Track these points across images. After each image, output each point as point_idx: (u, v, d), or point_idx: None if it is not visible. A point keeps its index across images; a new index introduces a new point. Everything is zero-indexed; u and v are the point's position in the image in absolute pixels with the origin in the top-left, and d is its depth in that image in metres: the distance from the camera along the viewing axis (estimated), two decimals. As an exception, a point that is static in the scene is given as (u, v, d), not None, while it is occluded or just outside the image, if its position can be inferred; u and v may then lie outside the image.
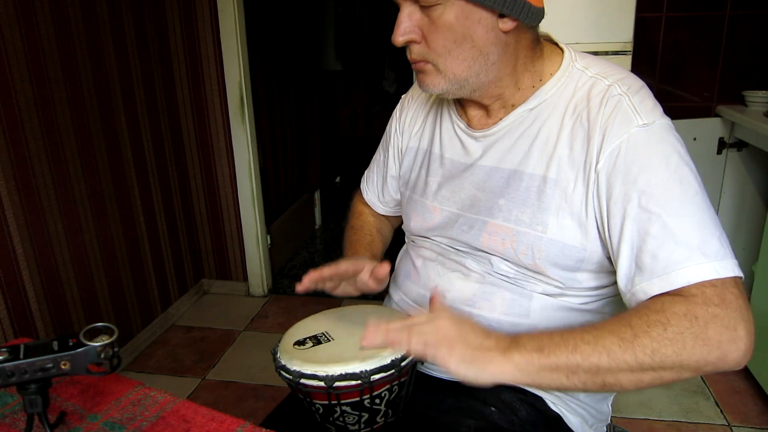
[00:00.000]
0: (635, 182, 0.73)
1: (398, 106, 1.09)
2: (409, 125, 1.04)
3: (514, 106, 0.86)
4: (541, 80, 0.85)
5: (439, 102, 0.99)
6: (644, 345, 0.66)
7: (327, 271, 0.86)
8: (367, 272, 0.90)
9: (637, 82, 0.81)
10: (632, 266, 0.73)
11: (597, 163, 0.77)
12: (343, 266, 0.88)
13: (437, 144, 0.96)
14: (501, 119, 0.87)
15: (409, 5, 0.78)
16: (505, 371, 0.68)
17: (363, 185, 1.18)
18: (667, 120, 0.77)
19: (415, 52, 0.81)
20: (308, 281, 0.85)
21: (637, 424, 1.84)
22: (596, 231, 0.79)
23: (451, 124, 0.94)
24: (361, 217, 1.16)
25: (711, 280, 0.68)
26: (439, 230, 0.94)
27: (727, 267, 0.69)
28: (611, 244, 0.76)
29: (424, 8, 0.77)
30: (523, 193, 0.83)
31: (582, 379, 0.68)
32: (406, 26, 0.79)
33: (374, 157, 1.15)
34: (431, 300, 0.78)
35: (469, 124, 0.91)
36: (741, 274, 0.70)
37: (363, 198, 1.18)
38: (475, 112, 0.91)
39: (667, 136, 0.75)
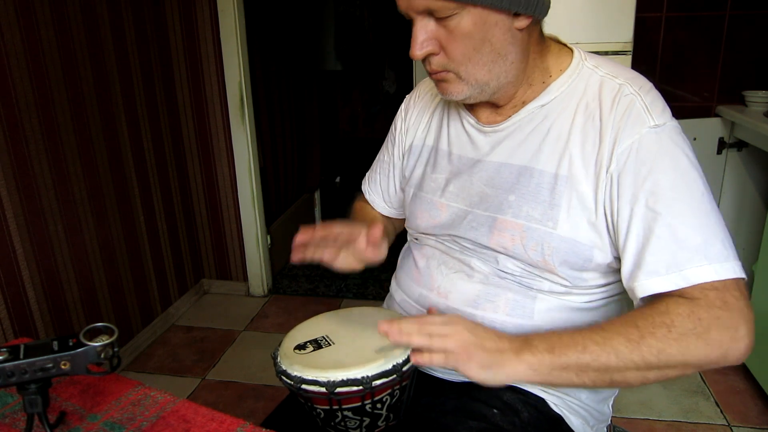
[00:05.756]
0: (644, 183, 0.75)
1: (403, 107, 1.08)
2: (414, 124, 1.03)
3: (524, 103, 0.86)
4: (550, 76, 0.85)
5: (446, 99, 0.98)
6: (650, 345, 0.70)
7: (320, 231, 0.84)
8: (363, 238, 0.88)
9: (646, 83, 0.82)
10: (635, 262, 0.76)
11: (609, 162, 0.78)
12: (336, 228, 0.86)
13: (444, 140, 0.96)
14: (510, 116, 0.87)
15: (422, 18, 0.77)
16: (519, 371, 0.72)
17: (365, 187, 1.17)
18: (676, 122, 0.79)
19: (435, 63, 0.80)
20: (300, 243, 0.84)
21: (637, 424, 1.84)
22: (606, 229, 0.80)
23: (459, 120, 0.94)
24: (364, 210, 1.16)
25: (713, 282, 0.71)
26: (446, 228, 0.93)
27: (728, 269, 0.72)
28: (617, 241, 0.79)
29: (439, 19, 0.76)
30: (534, 189, 0.83)
31: (591, 378, 0.73)
32: (423, 39, 0.78)
33: (377, 157, 1.15)
34: (429, 311, 0.81)
35: (478, 120, 0.91)
36: (743, 276, 0.73)
37: (366, 199, 1.18)
38: (484, 109, 0.91)
39: (676, 139, 0.77)
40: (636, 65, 2.04)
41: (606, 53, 1.88)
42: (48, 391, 0.69)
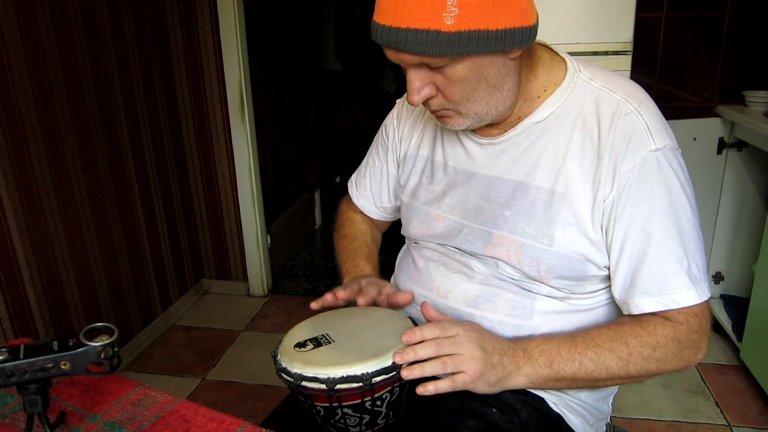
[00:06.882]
0: (641, 206, 0.78)
1: (395, 113, 1.07)
2: (408, 133, 1.03)
3: (520, 118, 0.86)
4: (545, 90, 0.84)
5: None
6: (636, 363, 0.80)
7: (357, 288, 0.92)
8: (385, 296, 0.94)
9: (644, 96, 0.82)
10: (628, 281, 0.81)
11: (609, 183, 0.79)
12: (373, 291, 0.92)
13: (439, 152, 0.95)
14: (507, 130, 0.87)
15: (415, 67, 0.76)
16: (519, 383, 0.80)
17: (353, 191, 1.16)
18: (672, 141, 0.80)
19: (434, 105, 0.81)
20: (340, 298, 0.90)
21: (637, 424, 1.84)
22: (603, 245, 0.82)
23: (454, 131, 0.93)
24: (354, 225, 1.15)
25: (693, 308, 0.79)
26: (442, 238, 0.93)
27: (704, 291, 0.80)
28: (610, 257, 0.82)
29: (433, 68, 0.75)
30: (529, 205, 0.83)
31: (579, 385, 0.83)
32: (419, 85, 0.77)
33: (365, 162, 1.13)
34: (423, 309, 0.83)
35: (474, 131, 0.90)
36: (710, 294, 0.82)
37: (354, 204, 1.16)
38: None
39: (673, 162, 0.79)
40: (636, 65, 2.04)
41: (606, 53, 1.88)
42: (48, 391, 0.69)
